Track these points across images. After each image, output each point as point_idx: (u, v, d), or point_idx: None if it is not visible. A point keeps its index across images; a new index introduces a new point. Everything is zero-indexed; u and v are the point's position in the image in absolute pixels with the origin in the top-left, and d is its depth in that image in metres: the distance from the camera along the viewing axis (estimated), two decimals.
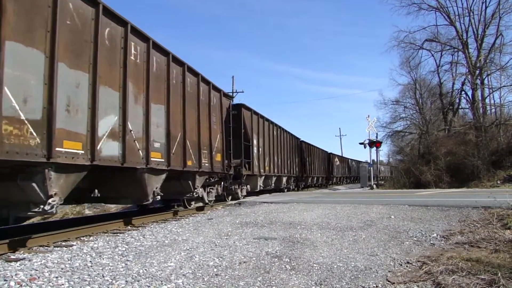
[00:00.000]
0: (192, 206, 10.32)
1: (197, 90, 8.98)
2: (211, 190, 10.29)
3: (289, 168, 19.28)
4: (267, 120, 15.78)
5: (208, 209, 10.21)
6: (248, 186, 13.68)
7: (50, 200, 4.72)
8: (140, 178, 6.67)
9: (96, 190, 7.20)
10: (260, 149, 14.57)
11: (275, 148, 16.86)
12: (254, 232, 6.01)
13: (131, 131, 6.28)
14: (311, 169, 25.05)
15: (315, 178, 26.87)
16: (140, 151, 6.56)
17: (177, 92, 7.98)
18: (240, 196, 12.72)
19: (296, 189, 21.82)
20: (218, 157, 10.12)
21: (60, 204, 4.99)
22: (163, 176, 7.37)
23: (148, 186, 6.84)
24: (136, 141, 6.45)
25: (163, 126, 7.38)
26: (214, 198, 10.57)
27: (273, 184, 16.76)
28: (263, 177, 15.07)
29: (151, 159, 6.78)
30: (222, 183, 11.27)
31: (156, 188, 7.13)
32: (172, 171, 7.64)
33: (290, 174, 19.74)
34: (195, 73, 8.89)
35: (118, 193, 7.05)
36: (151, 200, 7.09)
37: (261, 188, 15.01)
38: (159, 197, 7.22)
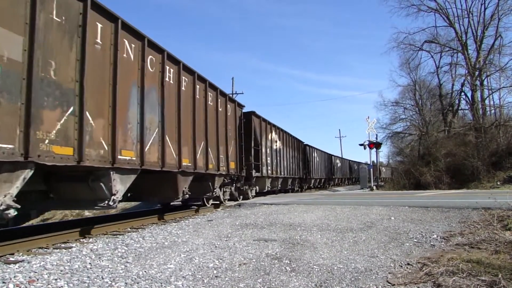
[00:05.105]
0: (209, 204, 11.04)
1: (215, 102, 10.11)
2: (226, 190, 11.58)
3: (294, 171, 20.13)
4: (274, 126, 16.73)
5: (207, 210, 10.21)
6: (257, 187, 14.56)
7: None
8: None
9: None
10: (268, 153, 15.51)
11: (281, 151, 17.68)
12: (254, 234, 6.00)
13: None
14: (314, 171, 25.44)
15: (317, 180, 27.00)
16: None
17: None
18: (250, 196, 13.58)
19: (299, 190, 22.34)
20: (232, 162, 11.32)
21: None
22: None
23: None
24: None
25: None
26: (228, 197, 11.83)
27: (279, 185, 17.47)
28: (271, 179, 15.95)
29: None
30: (235, 184, 12.27)
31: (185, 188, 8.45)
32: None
33: (295, 176, 20.55)
34: (214, 88, 10.01)
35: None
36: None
37: (269, 189, 15.87)
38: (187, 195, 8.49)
